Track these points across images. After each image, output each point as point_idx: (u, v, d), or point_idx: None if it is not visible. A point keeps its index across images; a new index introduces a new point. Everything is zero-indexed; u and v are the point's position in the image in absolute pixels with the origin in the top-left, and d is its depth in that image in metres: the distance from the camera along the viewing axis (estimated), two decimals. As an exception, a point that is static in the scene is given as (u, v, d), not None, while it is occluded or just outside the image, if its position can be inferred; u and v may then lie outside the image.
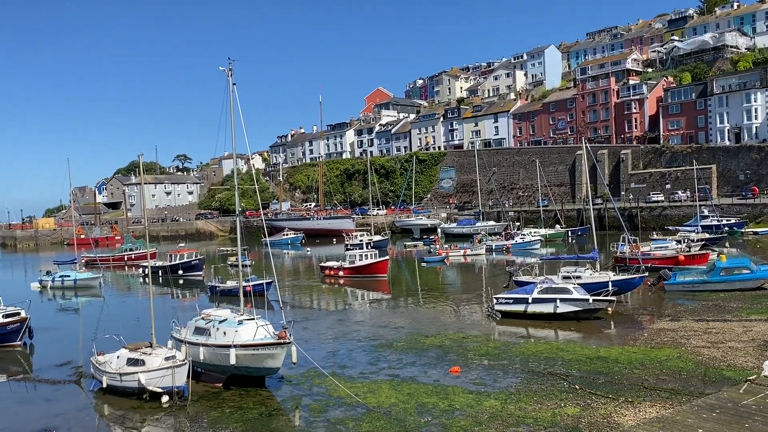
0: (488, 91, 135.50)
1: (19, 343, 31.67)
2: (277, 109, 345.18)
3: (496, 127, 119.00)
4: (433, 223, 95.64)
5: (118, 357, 22.70)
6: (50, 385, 24.55)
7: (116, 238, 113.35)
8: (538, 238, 71.42)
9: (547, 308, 31.22)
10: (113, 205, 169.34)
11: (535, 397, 19.53)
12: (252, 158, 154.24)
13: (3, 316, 32.00)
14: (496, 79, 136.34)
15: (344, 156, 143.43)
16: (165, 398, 20.82)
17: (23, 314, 32.48)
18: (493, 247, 68.00)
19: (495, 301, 33.21)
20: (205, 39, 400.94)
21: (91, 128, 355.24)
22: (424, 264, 60.57)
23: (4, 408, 22.03)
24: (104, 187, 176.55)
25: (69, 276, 56.15)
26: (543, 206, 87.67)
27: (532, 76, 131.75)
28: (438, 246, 70.26)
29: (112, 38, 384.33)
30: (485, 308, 35.17)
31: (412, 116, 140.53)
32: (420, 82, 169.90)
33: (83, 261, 67.33)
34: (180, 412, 20.10)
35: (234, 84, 25.31)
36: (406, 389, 21.04)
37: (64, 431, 18.86)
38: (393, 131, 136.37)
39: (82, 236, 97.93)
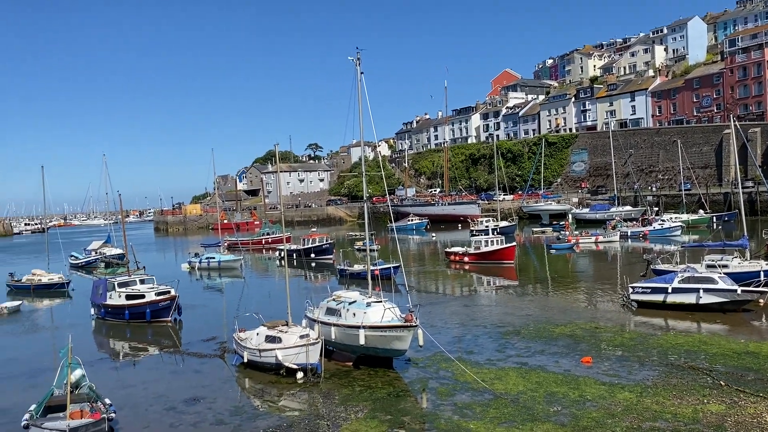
0: (624, 68, 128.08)
1: (170, 319, 34.63)
2: (402, 96, 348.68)
3: (633, 107, 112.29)
4: (563, 209, 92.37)
5: (257, 334, 24.20)
6: (197, 358, 26.63)
7: (255, 223, 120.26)
8: (679, 224, 66.81)
9: (689, 299, 29.22)
10: (252, 192, 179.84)
11: (674, 392, 18.40)
12: (378, 145, 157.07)
13: (155, 294, 35.21)
14: (632, 55, 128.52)
15: (469, 141, 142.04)
16: (300, 374, 21.94)
17: (173, 292, 35.48)
18: (629, 234, 64.51)
19: (631, 290, 31.59)
20: (334, 29, 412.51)
21: (232, 120, 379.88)
22: (552, 251, 58.76)
23: (158, 378, 24.23)
24: (244, 175, 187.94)
25: (214, 258, 60.61)
26: (685, 190, 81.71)
27: (673, 50, 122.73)
28: (568, 232, 67.76)
29: (249, 35, 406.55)
30: (620, 298, 33.55)
31: (541, 98, 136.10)
32: (550, 61, 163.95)
33: (226, 244, 72.37)
34: (313, 389, 21.09)
35: (362, 73, 25.85)
36: (534, 377, 20.64)
37: (210, 401, 20.39)
38: (521, 114, 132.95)
39: (225, 221, 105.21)
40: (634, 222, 70.86)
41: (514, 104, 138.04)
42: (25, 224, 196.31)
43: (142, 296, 35.12)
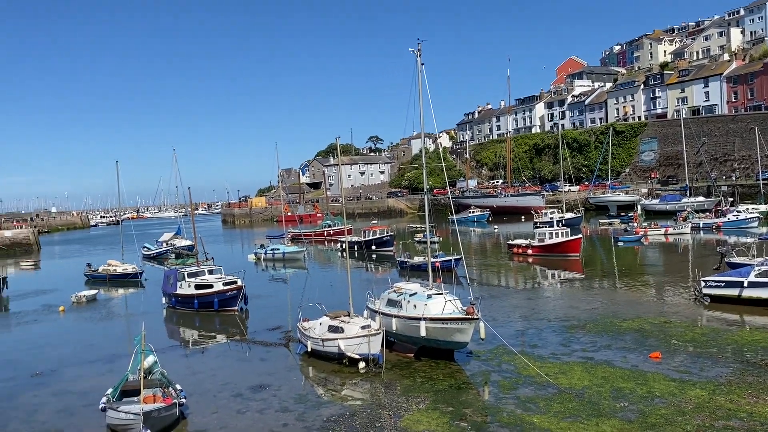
0: (697, 53, 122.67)
1: (237, 308, 35.61)
2: (463, 85, 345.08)
3: (706, 93, 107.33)
4: (632, 200, 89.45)
5: (320, 324, 24.61)
6: (263, 347, 27.31)
7: (317, 215, 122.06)
8: (756, 215, 63.57)
9: (767, 293, 27.83)
10: (314, 185, 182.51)
11: (750, 390, 17.60)
12: (439, 137, 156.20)
13: (223, 284, 36.27)
14: (706, 39, 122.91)
15: (533, 131, 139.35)
16: (362, 364, 22.20)
17: (239, 282, 36.48)
18: (701, 226, 61.90)
19: (703, 284, 30.33)
20: (394, 21, 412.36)
21: (295, 115, 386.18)
22: (620, 243, 57.06)
23: (226, 365, 24.98)
24: (307, 168, 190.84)
25: (278, 249, 61.99)
26: (763, 179, 77.62)
27: (751, 33, 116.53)
28: (636, 224, 65.60)
29: (311, 31, 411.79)
30: (691, 292, 32.28)
31: (608, 85, 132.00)
32: (617, 48, 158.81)
33: (289, 236, 73.79)
34: (375, 379, 21.29)
35: (423, 64, 25.75)
36: (600, 372, 20.15)
37: (275, 389, 20.89)
38: (587, 102, 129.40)
39: (289, 214, 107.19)
40: (707, 213, 67.94)
41: (579, 92, 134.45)
42: (101, 217, 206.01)
43: (211, 286, 36.26)
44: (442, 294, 23.46)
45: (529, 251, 52.11)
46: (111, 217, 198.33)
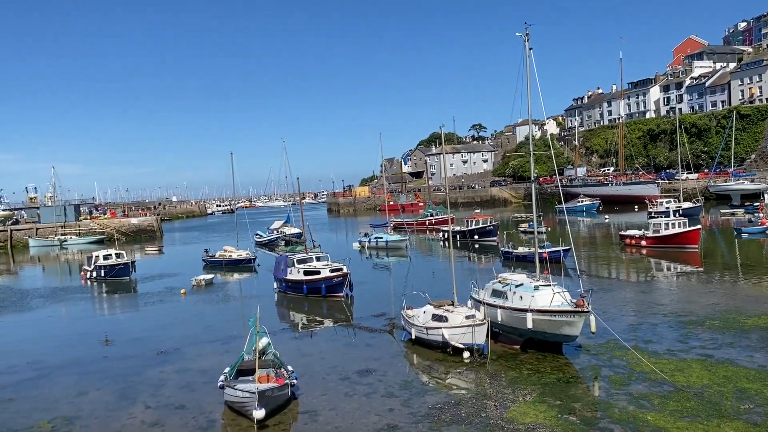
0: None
1: (342, 294, 36.58)
2: (572, 70, 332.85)
3: None
4: (758, 188, 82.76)
5: (424, 312, 24.77)
6: (368, 333, 27.88)
7: (419, 204, 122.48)
8: None
9: None
10: (416, 174, 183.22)
11: None
12: (546, 123, 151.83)
13: (330, 271, 37.33)
14: None
15: (647, 115, 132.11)
16: (466, 354, 22.13)
17: (345, 270, 37.40)
18: (841, 217, 56.31)
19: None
20: (498, 3, 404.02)
21: (398, 105, 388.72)
22: (743, 235, 53.07)
23: (333, 349, 25.73)
24: (409, 158, 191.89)
25: (381, 238, 62.87)
26: None
27: None
28: (762, 214, 60.70)
29: (412, 18, 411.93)
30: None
31: (732, 65, 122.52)
32: (743, 25, 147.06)
33: (392, 225, 74.62)
34: (480, 369, 21.17)
35: (530, 48, 25.11)
36: (721, 371, 18.94)
37: (381, 374, 21.29)
38: (707, 84, 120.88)
39: (391, 203, 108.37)
40: None
41: (699, 74, 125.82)
42: (217, 206, 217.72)
43: (318, 272, 37.45)
44: (549, 285, 22.91)
45: (643, 242, 49.68)
46: (226, 205, 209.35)
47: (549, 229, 58.43)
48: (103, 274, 50.86)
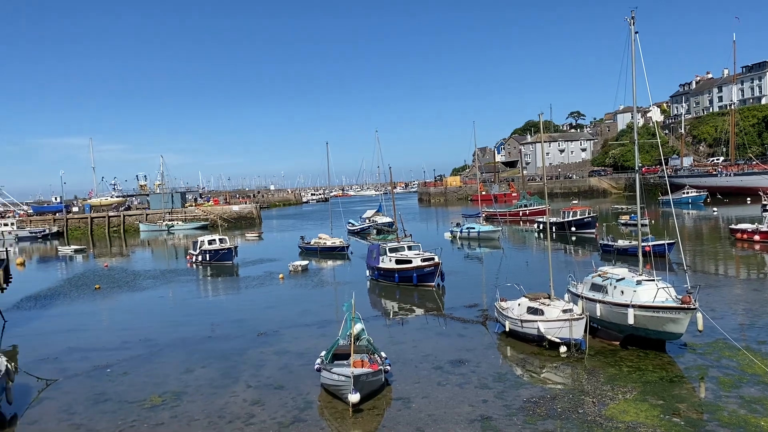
0: None
1: (434, 284, 36.60)
2: (678, 54, 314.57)
3: None
4: None
5: (519, 304, 24.36)
6: (460, 323, 27.75)
7: (512, 194, 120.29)
8: None
9: None
10: (510, 164, 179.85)
11: None
12: (650, 110, 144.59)
13: (421, 260, 37.43)
14: None
15: (763, 101, 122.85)
16: (563, 348, 21.59)
17: (437, 259, 37.38)
18: None
19: None
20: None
21: (492, 93, 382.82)
22: None
23: (426, 338, 25.81)
24: (502, 147, 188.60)
25: (474, 228, 62.34)
26: None
27: None
28: None
29: (510, 4, 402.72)
30: None
31: None
32: None
33: (484, 215, 73.75)
34: (577, 364, 20.59)
35: (636, 33, 24.00)
36: None
37: (474, 365, 21.16)
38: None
39: (484, 193, 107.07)
40: None
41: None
42: (311, 194, 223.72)
43: (410, 261, 37.66)
44: (653, 280, 21.90)
45: (756, 237, 46.41)
46: (320, 194, 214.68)
47: (652, 221, 55.80)
48: (208, 258, 53.59)
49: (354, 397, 17.14)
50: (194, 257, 55.01)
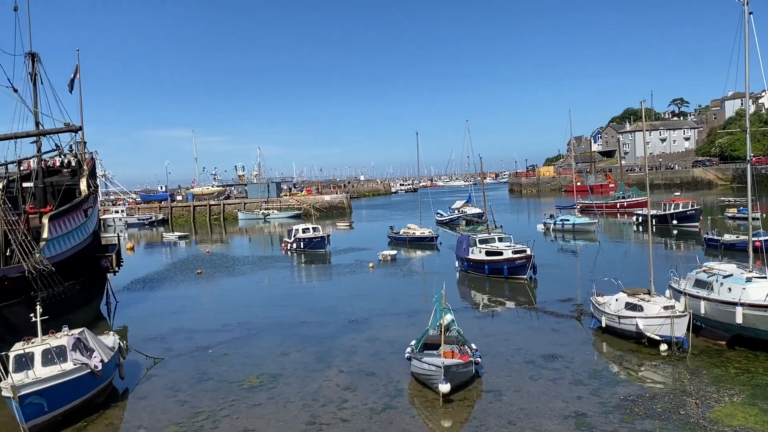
0: None
1: (525, 276, 35.92)
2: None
3: None
4: None
5: (616, 300, 23.50)
6: (553, 317, 27.10)
7: (609, 185, 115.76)
8: None
9: None
10: (607, 153, 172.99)
11: None
12: (762, 96, 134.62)
13: (512, 252, 36.84)
14: None
15: None
16: (663, 346, 20.66)
17: (529, 252, 36.66)
18: None
19: None
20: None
21: (589, 79, 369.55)
22: None
23: (516, 331, 25.43)
24: (599, 135, 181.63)
25: (568, 220, 60.62)
26: None
27: None
28: None
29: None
30: None
31: None
32: None
33: (579, 207, 71.48)
34: (679, 363, 19.65)
35: (750, 13, 22.40)
36: None
37: (568, 361, 20.64)
38: None
39: (579, 183, 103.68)
40: None
41: None
42: (400, 185, 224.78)
43: (501, 253, 37.17)
44: (765, 278, 20.52)
45: None
46: (408, 185, 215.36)
47: (764, 215, 52.08)
48: (302, 246, 55.23)
49: (444, 387, 17.18)
50: (289, 245, 56.82)
